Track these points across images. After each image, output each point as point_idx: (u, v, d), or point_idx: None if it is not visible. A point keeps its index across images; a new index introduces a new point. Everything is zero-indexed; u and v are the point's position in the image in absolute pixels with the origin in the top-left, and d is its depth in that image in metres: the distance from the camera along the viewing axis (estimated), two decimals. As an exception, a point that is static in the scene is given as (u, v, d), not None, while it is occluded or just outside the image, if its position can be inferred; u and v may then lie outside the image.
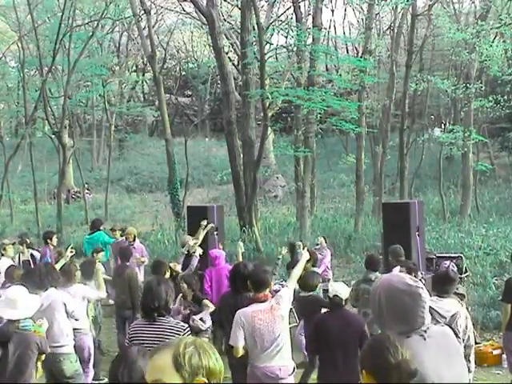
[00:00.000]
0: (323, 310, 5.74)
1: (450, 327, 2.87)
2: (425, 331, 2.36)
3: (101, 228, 10.69)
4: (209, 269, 7.52)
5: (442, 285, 4.66)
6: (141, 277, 9.27)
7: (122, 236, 10.03)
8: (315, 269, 8.09)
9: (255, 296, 4.66)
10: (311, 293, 6.31)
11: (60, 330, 5.20)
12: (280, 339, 4.53)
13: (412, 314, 2.35)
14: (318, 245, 9.75)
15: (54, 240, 9.69)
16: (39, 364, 4.60)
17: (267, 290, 4.69)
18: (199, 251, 7.16)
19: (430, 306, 4.15)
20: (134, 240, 9.51)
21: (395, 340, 2.32)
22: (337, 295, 5.08)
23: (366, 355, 2.34)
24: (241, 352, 4.56)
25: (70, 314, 5.30)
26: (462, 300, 5.80)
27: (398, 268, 7.06)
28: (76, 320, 5.41)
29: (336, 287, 5.23)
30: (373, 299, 2.48)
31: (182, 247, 8.03)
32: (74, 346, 5.53)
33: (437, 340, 2.37)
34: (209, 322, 6.78)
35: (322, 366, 5.09)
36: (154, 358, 1.82)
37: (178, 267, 6.56)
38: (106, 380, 6.89)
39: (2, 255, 8.28)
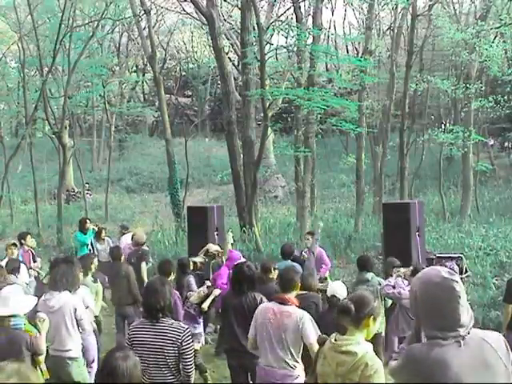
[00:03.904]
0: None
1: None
2: (462, 338, 2.19)
3: (86, 227, 10.65)
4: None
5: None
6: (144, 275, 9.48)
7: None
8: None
9: (278, 295, 4.66)
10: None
11: (68, 334, 5.09)
12: (284, 344, 4.44)
13: (445, 310, 2.21)
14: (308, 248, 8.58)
15: (29, 240, 9.35)
16: (43, 367, 4.56)
17: (293, 292, 4.69)
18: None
19: None
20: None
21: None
22: (334, 295, 5.13)
23: None
24: (251, 344, 4.60)
25: (78, 321, 5.15)
26: None
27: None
28: (82, 330, 5.24)
29: (334, 287, 5.28)
30: (410, 294, 2.37)
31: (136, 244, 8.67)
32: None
33: (472, 348, 2.19)
34: (200, 328, 6.92)
35: None
36: None
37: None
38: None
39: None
